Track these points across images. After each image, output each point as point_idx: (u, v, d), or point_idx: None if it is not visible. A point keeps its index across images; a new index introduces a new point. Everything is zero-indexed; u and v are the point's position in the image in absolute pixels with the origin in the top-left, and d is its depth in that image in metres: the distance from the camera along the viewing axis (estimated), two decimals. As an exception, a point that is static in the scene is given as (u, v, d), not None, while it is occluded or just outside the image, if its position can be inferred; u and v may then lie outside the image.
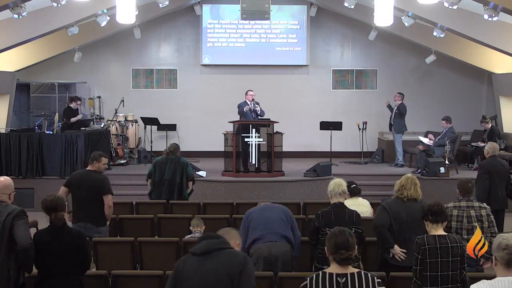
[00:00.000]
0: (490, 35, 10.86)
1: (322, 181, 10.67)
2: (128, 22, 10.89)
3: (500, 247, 3.18)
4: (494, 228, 5.42)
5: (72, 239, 4.39)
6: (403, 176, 5.39)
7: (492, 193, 7.47)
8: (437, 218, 4.38)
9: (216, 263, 3.28)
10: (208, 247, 3.34)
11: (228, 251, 3.36)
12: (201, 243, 3.39)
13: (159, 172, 8.05)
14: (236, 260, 3.32)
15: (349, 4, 11.05)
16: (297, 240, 5.33)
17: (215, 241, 3.39)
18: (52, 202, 4.42)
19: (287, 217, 5.31)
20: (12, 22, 10.40)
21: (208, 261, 3.29)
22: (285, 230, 5.22)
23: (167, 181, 7.99)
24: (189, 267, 3.32)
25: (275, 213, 5.30)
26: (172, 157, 8.12)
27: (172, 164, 8.04)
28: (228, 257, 3.32)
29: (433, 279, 4.24)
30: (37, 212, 4.61)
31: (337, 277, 3.35)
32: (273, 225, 5.19)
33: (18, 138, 10.82)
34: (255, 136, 10.53)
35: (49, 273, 4.34)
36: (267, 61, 14.35)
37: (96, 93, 14.26)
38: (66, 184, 6.34)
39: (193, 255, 3.36)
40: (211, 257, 3.31)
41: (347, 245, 3.34)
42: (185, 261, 3.39)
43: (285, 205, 5.63)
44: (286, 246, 5.16)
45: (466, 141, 12.98)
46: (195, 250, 3.37)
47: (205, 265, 3.28)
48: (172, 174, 8.00)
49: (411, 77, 14.60)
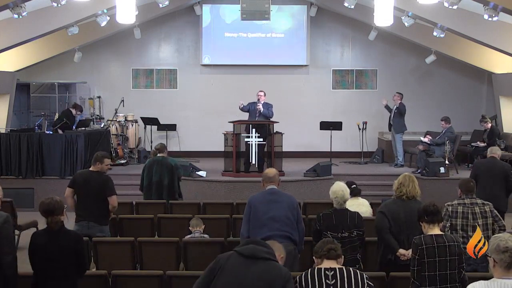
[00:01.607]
0: (490, 35, 10.86)
1: (322, 181, 10.67)
2: (128, 22, 10.89)
3: (499, 249, 3.17)
4: (501, 221, 5.45)
5: (70, 242, 4.33)
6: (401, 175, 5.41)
7: (480, 190, 6.93)
8: (433, 218, 4.38)
9: (260, 270, 3.29)
10: (256, 252, 3.34)
11: (274, 264, 3.37)
12: (249, 245, 3.39)
13: (148, 176, 7.95)
14: (281, 274, 3.33)
15: (349, 4, 11.05)
16: (301, 233, 5.30)
17: (264, 249, 3.39)
18: (49, 206, 4.32)
19: (293, 213, 5.25)
20: (12, 22, 10.41)
21: (252, 266, 3.30)
22: (290, 230, 5.19)
23: (155, 183, 7.89)
24: (233, 264, 3.32)
25: (281, 210, 5.20)
26: (159, 158, 7.98)
27: (159, 166, 7.91)
28: (274, 269, 3.33)
29: (432, 278, 4.24)
30: (37, 212, 4.57)
31: (325, 271, 3.60)
32: (279, 226, 5.15)
33: (18, 138, 10.82)
34: (255, 136, 10.53)
35: (45, 275, 4.31)
36: (267, 61, 14.36)
37: (96, 93, 14.26)
38: (71, 185, 6.34)
39: (238, 255, 3.35)
40: (256, 263, 3.31)
41: (336, 246, 3.73)
42: (229, 257, 3.38)
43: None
44: (291, 246, 5.16)
45: (466, 141, 12.98)
46: (242, 251, 3.36)
47: (249, 268, 3.29)
48: (160, 175, 7.88)
49: (411, 77, 14.60)
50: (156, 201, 7.93)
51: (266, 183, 5.43)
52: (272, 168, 5.78)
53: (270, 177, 5.43)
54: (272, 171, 5.55)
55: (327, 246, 3.69)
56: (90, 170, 6.41)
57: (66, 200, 6.21)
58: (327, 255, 3.66)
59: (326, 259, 3.67)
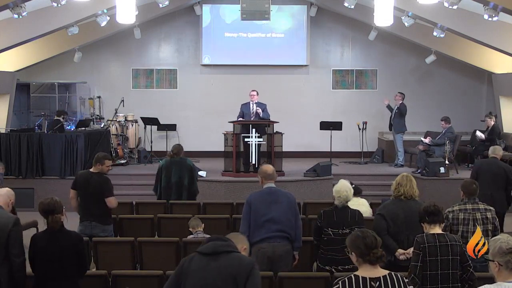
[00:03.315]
0: (490, 35, 10.86)
1: (322, 181, 10.67)
2: (128, 22, 10.89)
3: (502, 252, 3.11)
4: (497, 232, 5.38)
5: (70, 243, 4.36)
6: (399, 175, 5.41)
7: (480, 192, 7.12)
8: (434, 218, 4.38)
9: (223, 265, 3.29)
10: (216, 248, 3.35)
11: (236, 255, 3.37)
12: (209, 243, 3.40)
13: (166, 176, 7.85)
14: (243, 264, 3.33)
15: (349, 4, 11.05)
16: (298, 230, 5.31)
17: (223, 243, 3.39)
18: (49, 205, 4.36)
19: (292, 212, 5.27)
20: (12, 22, 10.41)
21: (214, 262, 3.30)
22: (288, 231, 5.21)
23: (175, 184, 7.83)
24: (195, 266, 3.33)
25: (281, 211, 5.21)
26: (177, 159, 7.91)
27: (178, 166, 7.86)
28: (235, 260, 3.33)
29: (433, 278, 4.23)
30: (37, 212, 4.58)
31: (370, 282, 3.29)
32: (279, 227, 5.17)
33: (18, 138, 10.82)
34: (255, 136, 10.52)
35: (46, 276, 4.33)
36: (267, 61, 14.36)
37: (96, 93, 14.26)
38: (73, 186, 6.36)
39: (199, 255, 3.37)
40: (218, 259, 3.31)
41: (376, 244, 3.33)
42: (191, 259, 3.39)
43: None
44: (288, 246, 5.20)
45: (466, 141, 12.97)
46: (202, 250, 3.37)
47: (211, 265, 3.29)
48: (179, 177, 7.84)
49: (411, 77, 14.60)
50: (156, 201, 7.94)
51: (264, 180, 5.42)
52: (269, 165, 5.73)
53: (269, 174, 5.42)
54: (269, 168, 5.51)
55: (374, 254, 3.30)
56: (90, 171, 6.42)
57: (71, 202, 6.26)
58: (375, 261, 3.31)
59: (369, 263, 3.31)
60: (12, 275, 4.32)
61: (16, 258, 4.31)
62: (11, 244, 4.31)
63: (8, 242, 4.31)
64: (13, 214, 4.74)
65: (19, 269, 4.33)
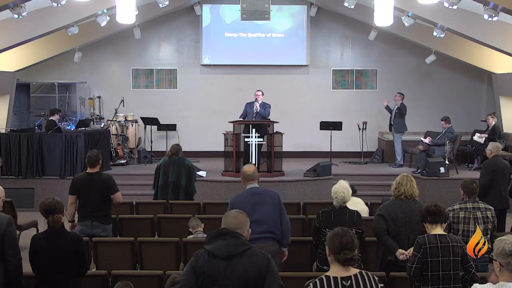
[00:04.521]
0: (490, 35, 10.86)
1: (322, 181, 10.67)
2: (128, 22, 10.89)
3: (505, 253, 3.12)
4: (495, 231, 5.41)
5: (70, 243, 4.36)
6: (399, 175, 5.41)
7: (496, 192, 7.43)
8: (435, 218, 4.37)
9: (241, 269, 3.28)
10: (230, 251, 3.31)
11: (250, 253, 3.34)
12: (220, 244, 3.33)
13: (164, 175, 7.88)
14: (259, 263, 3.33)
15: (349, 4, 11.05)
16: (285, 226, 5.29)
17: (235, 241, 3.35)
18: (50, 205, 4.36)
19: (277, 211, 5.26)
20: (12, 22, 10.41)
21: (233, 267, 3.29)
22: (274, 231, 5.21)
23: (172, 184, 7.84)
24: (215, 271, 3.29)
25: (265, 212, 5.19)
26: (176, 159, 7.92)
27: (176, 166, 7.87)
28: (252, 261, 3.32)
29: (435, 278, 4.23)
30: (37, 212, 4.59)
31: (342, 281, 3.27)
32: (264, 228, 5.15)
33: (18, 138, 10.82)
34: (255, 136, 10.52)
35: (46, 277, 4.33)
36: (267, 61, 14.36)
37: (96, 93, 14.26)
38: (72, 192, 6.27)
39: (215, 257, 3.31)
40: (234, 262, 3.30)
41: (351, 245, 3.28)
42: (207, 262, 3.31)
43: (285, 205, 5.55)
44: (275, 246, 5.20)
45: (466, 141, 12.97)
46: (217, 253, 3.31)
47: (232, 271, 3.28)
48: (177, 176, 7.85)
49: (411, 77, 14.60)
50: (156, 201, 7.94)
51: (246, 181, 5.39)
52: (249, 165, 5.67)
53: (250, 175, 5.38)
54: (250, 168, 5.46)
55: (344, 255, 3.28)
56: (88, 172, 6.36)
57: (68, 208, 6.21)
58: (344, 263, 3.29)
59: (339, 263, 3.31)
60: (8, 275, 4.32)
61: (11, 258, 4.31)
62: (7, 244, 4.31)
63: (3, 242, 4.31)
64: (14, 214, 4.75)
65: (15, 269, 4.33)
